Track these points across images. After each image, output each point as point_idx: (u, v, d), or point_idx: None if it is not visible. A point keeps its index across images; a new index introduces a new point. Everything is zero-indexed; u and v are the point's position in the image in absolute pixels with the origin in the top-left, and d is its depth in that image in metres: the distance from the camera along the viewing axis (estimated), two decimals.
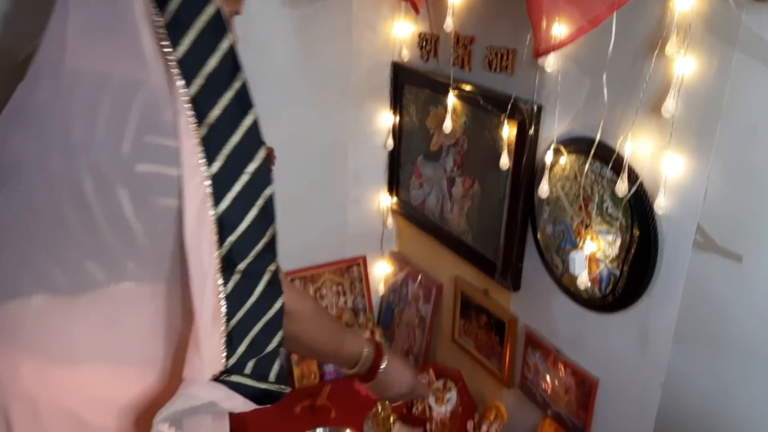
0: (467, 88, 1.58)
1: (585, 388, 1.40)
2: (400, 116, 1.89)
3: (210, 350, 0.92)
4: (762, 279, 1.02)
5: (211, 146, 0.88)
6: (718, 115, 1.03)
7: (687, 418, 1.18)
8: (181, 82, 0.86)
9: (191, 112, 0.87)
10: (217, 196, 0.90)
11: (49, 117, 0.92)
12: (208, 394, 0.92)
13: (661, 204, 1.13)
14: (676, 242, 1.14)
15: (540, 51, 1.03)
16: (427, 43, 1.74)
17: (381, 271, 2.11)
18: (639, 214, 1.18)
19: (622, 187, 1.16)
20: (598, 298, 1.31)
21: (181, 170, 0.88)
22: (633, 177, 1.16)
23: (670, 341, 1.18)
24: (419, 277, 1.97)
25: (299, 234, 1.86)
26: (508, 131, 1.45)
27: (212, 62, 0.87)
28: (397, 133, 1.91)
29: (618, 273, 1.24)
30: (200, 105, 0.87)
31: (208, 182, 0.88)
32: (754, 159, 1.00)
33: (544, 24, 1.02)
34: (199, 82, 0.87)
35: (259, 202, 0.93)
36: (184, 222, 0.89)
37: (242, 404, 0.98)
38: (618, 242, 1.23)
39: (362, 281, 2.08)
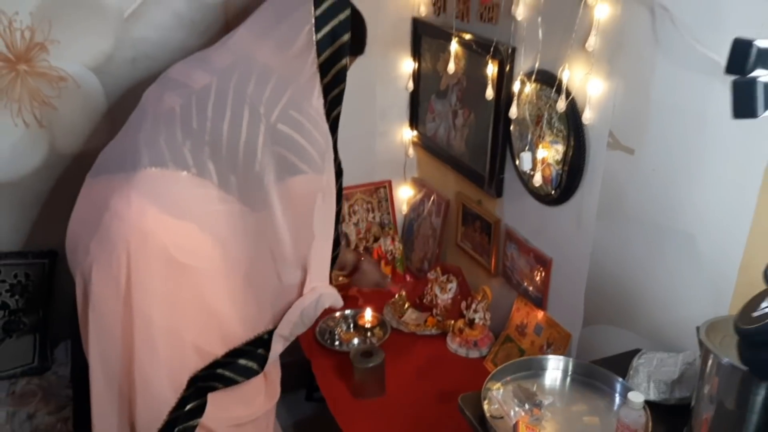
0: (466, 36, 1.99)
1: (543, 266, 1.82)
2: (419, 63, 2.31)
3: (319, 266, 1.60)
4: (645, 164, 1.41)
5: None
6: (621, 47, 1.42)
7: (604, 277, 1.60)
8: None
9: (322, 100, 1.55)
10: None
11: (233, 71, 1.55)
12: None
13: (587, 116, 1.53)
14: (597, 144, 1.54)
15: None
16: (438, 1, 2.15)
17: (404, 194, 2.56)
18: (573, 125, 1.58)
19: (561, 104, 1.57)
20: (550, 194, 1.72)
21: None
22: (569, 96, 1.56)
23: (594, 219, 1.59)
24: (433, 197, 2.41)
25: None
26: (492, 69, 1.86)
27: (335, 70, 1.56)
28: (416, 76, 2.34)
29: (561, 172, 1.65)
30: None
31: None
32: (642, 78, 1.39)
33: None
34: (327, 78, 1.56)
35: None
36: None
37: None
38: (561, 149, 1.64)
39: (387, 201, 2.54)
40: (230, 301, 1.55)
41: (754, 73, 0.60)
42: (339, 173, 1.74)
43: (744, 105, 0.60)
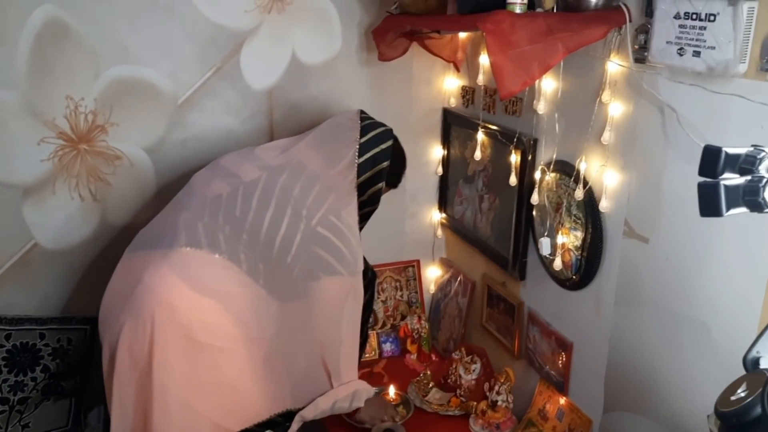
0: (492, 127, 2.10)
1: (564, 350, 1.85)
2: (448, 149, 2.44)
3: (348, 364, 1.71)
4: (659, 253, 1.46)
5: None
6: (634, 142, 1.51)
7: (623, 362, 1.61)
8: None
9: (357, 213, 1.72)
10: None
11: (282, 171, 1.69)
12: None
13: (604, 205, 1.60)
14: (613, 232, 1.61)
15: (503, 96, 1.53)
16: (467, 94, 2.29)
17: (432, 274, 2.63)
18: (591, 212, 1.65)
19: (579, 193, 1.65)
20: (570, 278, 1.77)
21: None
22: (586, 186, 1.64)
23: (612, 305, 1.62)
24: (459, 277, 2.47)
25: (367, 239, 2.41)
26: (515, 158, 1.96)
27: (371, 191, 1.74)
28: (445, 162, 2.46)
29: (580, 258, 1.71)
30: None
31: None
32: (654, 171, 1.46)
33: (504, 77, 1.50)
34: (363, 197, 1.72)
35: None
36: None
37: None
38: (580, 235, 1.70)
39: (416, 280, 2.60)
40: (250, 380, 1.59)
41: (723, 176, 0.67)
42: (373, 278, 1.89)
43: (709, 205, 0.67)
